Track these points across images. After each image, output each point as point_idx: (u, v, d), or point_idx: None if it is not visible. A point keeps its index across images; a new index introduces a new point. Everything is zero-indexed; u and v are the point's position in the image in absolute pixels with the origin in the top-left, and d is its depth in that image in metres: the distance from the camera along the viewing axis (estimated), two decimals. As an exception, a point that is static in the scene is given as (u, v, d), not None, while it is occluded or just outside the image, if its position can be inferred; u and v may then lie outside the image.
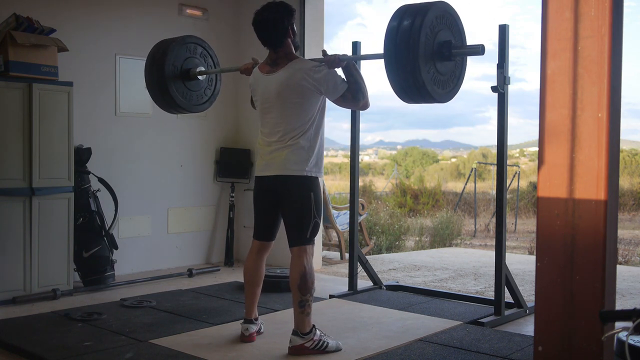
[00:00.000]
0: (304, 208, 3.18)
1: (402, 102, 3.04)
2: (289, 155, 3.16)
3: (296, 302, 3.16)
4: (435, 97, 2.91)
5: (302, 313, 3.15)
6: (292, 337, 3.17)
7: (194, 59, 3.87)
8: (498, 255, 3.90)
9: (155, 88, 3.78)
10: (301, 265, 3.18)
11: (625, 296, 4.78)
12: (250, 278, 3.42)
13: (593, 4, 1.89)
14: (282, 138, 3.18)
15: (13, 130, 4.28)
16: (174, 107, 3.86)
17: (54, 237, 4.46)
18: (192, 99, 3.87)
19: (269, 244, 3.44)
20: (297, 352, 3.15)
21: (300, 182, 3.17)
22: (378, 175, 25.29)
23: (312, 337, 3.15)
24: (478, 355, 3.17)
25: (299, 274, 3.17)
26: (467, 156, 30.18)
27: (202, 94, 3.93)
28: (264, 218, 3.38)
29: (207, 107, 4.00)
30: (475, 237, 10.85)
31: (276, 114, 3.21)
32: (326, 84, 3.13)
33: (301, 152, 3.16)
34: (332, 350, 3.19)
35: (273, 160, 3.20)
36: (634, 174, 18.61)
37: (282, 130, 3.18)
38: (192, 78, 3.84)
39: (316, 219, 3.22)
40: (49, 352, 3.13)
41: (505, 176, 4.00)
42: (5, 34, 4.22)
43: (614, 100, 1.90)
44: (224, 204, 6.00)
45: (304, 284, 3.15)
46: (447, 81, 3.00)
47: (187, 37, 3.91)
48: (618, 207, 2.02)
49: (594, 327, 1.89)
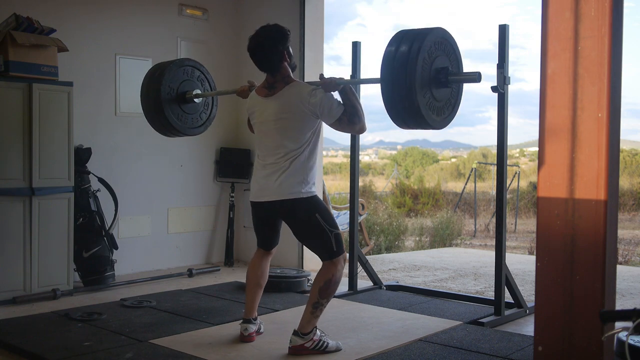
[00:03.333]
0: (316, 229, 3.19)
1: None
2: (284, 179, 3.16)
3: (311, 303, 3.17)
4: (430, 123, 2.90)
5: (312, 314, 3.16)
6: (292, 337, 3.17)
7: (191, 82, 3.89)
8: (498, 255, 3.90)
9: (152, 109, 3.80)
10: (329, 273, 3.19)
11: (625, 296, 4.78)
12: (254, 279, 3.44)
13: (593, 4, 1.89)
14: (278, 160, 3.19)
15: (13, 130, 4.28)
16: (170, 130, 3.86)
17: (54, 237, 4.46)
18: (188, 122, 3.88)
19: (273, 250, 3.52)
20: (297, 352, 3.15)
21: (299, 205, 3.17)
22: (378, 175, 25.29)
23: (312, 337, 3.16)
24: (478, 355, 3.17)
25: (325, 280, 3.18)
26: (467, 156, 30.17)
27: (197, 117, 3.94)
28: (264, 233, 3.45)
29: (202, 130, 4.01)
30: (475, 237, 10.85)
31: (273, 137, 3.21)
32: (321, 108, 3.12)
33: (296, 175, 3.16)
34: (332, 351, 3.19)
35: (267, 185, 3.20)
36: (634, 174, 18.61)
37: (279, 153, 3.19)
38: (189, 101, 3.85)
39: (334, 232, 3.21)
40: (49, 352, 3.13)
41: (505, 176, 4.00)
42: (5, 34, 4.22)
43: (614, 100, 1.90)
44: (224, 204, 6.00)
45: (327, 289, 3.17)
46: (443, 108, 3.00)
47: (184, 59, 3.94)
48: (618, 207, 2.02)
49: (594, 327, 1.89)
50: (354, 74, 4.61)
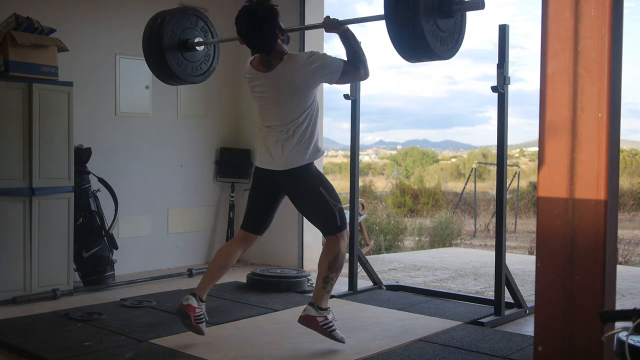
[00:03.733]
0: (321, 203, 3.20)
1: (402, 102, 3.05)
2: (290, 149, 3.18)
3: (321, 277, 3.20)
4: (435, 51, 2.90)
5: (323, 289, 3.20)
6: (307, 307, 3.20)
7: (194, 30, 3.84)
8: (498, 255, 3.90)
9: (153, 51, 3.73)
10: (336, 248, 3.21)
11: (625, 296, 4.78)
12: (220, 262, 3.31)
13: (593, 4, 1.89)
14: (282, 130, 3.20)
15: (13, 130, 4.28)
16: (169, 75, 3.79)
17: (54, 237, 4.46)
18: (188, 69, 3.83)
19: (255, 238, 3.39)
20: (308, 321, 3.18)
21: (304, 172, 3.20)
22: (378, 175, 25.30)
23: (326, 315, 3.20)
24: (478, 355, 3.17)
25: (333, 254, 3.20)
26: (467, 156, 30.18)
27: (197, 67, 3.89)
28: (258, 208, 3.36)
29: (200, 80, 3.94)
30: (475, 237, 10.85)
31: (275, 110, 3.22)
32: (323, 70, 3.12)
33: (301, 143, 3.19)
34: (337, 337, 3.21)
35: (276, 154, 3.22)
36: (634, 174, 18.62)
37: (282, 124, 3.20)
38: (190, 48, 3.81)
39: (338, 206, 3.22)
40: (49, 352, 3.13)
41: (505, 176, 3.99)
42: (5, 34, 4.22)
43: (614, 100, 1.90)
44: (224, 204, 6.00)
45: (335, 262, 3.19)
46: (447, 38, 3.00)
47: (189, 7, 3.90)
48: (618, 207, 2.02)
49: (594, 327, 1.89)
50: (354, 74, 4.60)
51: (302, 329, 3.46)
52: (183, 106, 5.72)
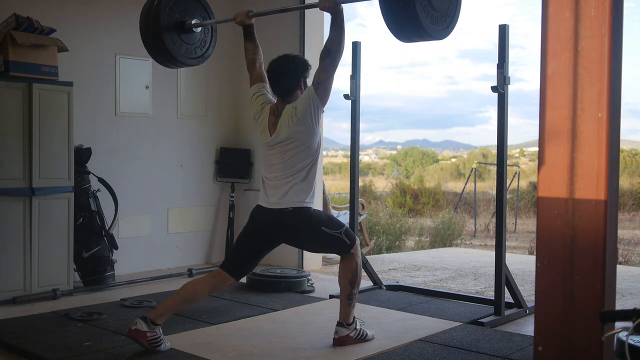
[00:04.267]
0: (329, 241, 3.21)
1: (402, 102, 3.06)
2: (292, 191, 3.16)
3: (345, 295, 3.27)
4: (427, 30, 2.89)
5: (349, 305, 3.28)
6: (337, 329, 3.29)
7: (193, 13, 3.82)
8: (498, 255, 3.90)
9: (150, 29, 3.70)
10: (354, 262, 3.27)
11: (625, 296, 4.78)
12: (186, 296, 3.19)
13: (593, 4, 1.89)
14: (285, 178, 3.18)
15: (13, 130, 4.28)
16: (164, 53, 3.75)
17: (54, 237, 4.46)
18: (182, 50, 3.80)
19: (230, 281, 3.24)
20: (342, 342, 3.27)
21: (304, 215, 3.17)
22: (378, 175, 25.30)
23: (355, 327, 3.31)
24: (478, 355, 3.17)
25: (351, 271, 3.26)
26: (467, 156, 30.18)
27: (192, 50, 3.86)
28: (248, 248, 3.26)
29: (194, 63, 3.90)
30: (475, 237, 10.85)
31: (279, 159, 3.21)
32: (309, 96, 3.12)
33: (303, 188, 3.18)
34: (370, 339, 3.35)
35: (276, 195, 3.18)
36: (634, 174, 18.61)
37: (286, 173, 3.18)
38: (187, 30, 3.79)
39: (343, 231, 3.23)
40: (49, 352, 3.13)
41: (505, 176, 3.99)
42: (5, 34, 4.22)
43: (614, 100, 1.90)
44: (224, 204, 6.00)
45: (355, 278, 3.26)
46: (440, 18, 2.98)
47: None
48: (618, 207, 2.02)
49: (594, 327, 1.89)
50: (354, 73, 4.61)
51: (303, 329, 3.47)
52: (183, 106, 5.72)
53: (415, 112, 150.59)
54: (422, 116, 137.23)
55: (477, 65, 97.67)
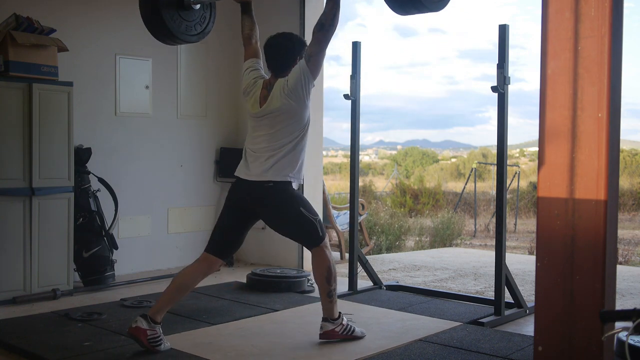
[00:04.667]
0: (304, 223, 3.23)
1: (402, 102, 3.07)
2: (274, 164, 3.18)
3: (325, 293, 3.30)
4: (425, 3, 2.92)
5: (330, 302, 3.31)
6: (323, 324, 3.32)
7: None
8: (498, 255, 3.90)
9: (149, 7, 3.67)
10: (325, 259, 3.29)
11: (625, 296, 4.78)
12: (183, 284, 3.22)
13: (593, 4, 1.89)
14: (269, 150, 3.21)
15: (13, 130, 4.28)
16: (163, 31, 3.73)
17: (54, 237, 4.46)
18: (182, 27, 3.79)
19: (218, 262, 3.29)
20: (328, 336, 3.31)
21: (283, 190, 3.19)
22: (378, 175, 25.31)
23: (342, 322, 3.33)
24: (478, 355, 3.17)
25: (325, 268, 3.28)
26: (467, 156, 30.19)
27: (192, 26, 3.85)
28: (227, 226, 3.30)
29: (193, 40, 3.89)
30: (475, 237, 10.85)
31: (266, 132, 3.24)
32: (301, 69, 3.15)
33: (286, 163, 3.20)
34: (358, 336, 3.37)
35: (256, 167, 3.21)
36: (634, 174, 18.62)
37: (271, 146, 3.21)
38: (187, 7, 3.77)
39: (317, 218, 3.28)
40: (49, 352, 3.13)
41: (505, 176, 3.99)
42: (5, 34, 4.22)
43: (614, 100, 1.90)
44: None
45: (330, 274, 3.29)
46: None
47: None
48: (618, 207, 2.02)
49: (594, 327, 1.89)
50: (354, 73, 4.61)
51: (303, 329, 3.47)
52: (183, 106, 5.72)
53: (415, 112, 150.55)
54: (422, 116, 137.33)
55: (477, 65, 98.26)
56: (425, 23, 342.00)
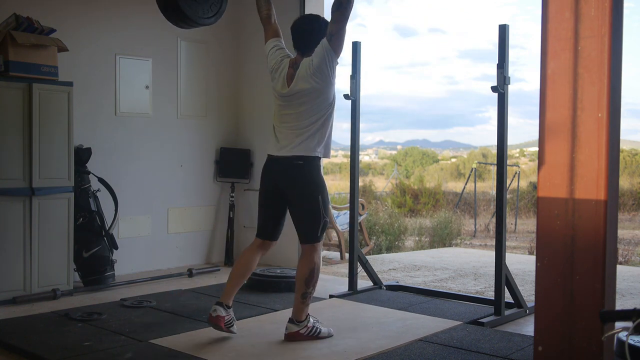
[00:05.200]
0: (314, 210, 3.30)
1: (402, 102, 3.07)
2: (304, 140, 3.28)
3: (299, 293, 3.33)
4: None
5: (302, 303, 3.34)
6: (288, 325, 3.36)
7: None
8: (498, 255, 3.90)
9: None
10: (312, 261, 3.35)
11: (625, 296, 4.78)
12: (241, 270, 3.46)
13: (593, 4, 1.89)
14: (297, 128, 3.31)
15: (13, 130, 4.28)
16: (179, 15, 3.73)
17: (54, 237, 4.46)
18: (199, 11, 3.82)
19: (271, 244, 3.51)
20: (293, 338, 3.33)
21: (310, 166, 3.29)
22: (378, 175, 25.31)
23: (306, 324, 3.35)
24: (478, 355, 3.17)
25: (309, 269, 3.34)
26: (467, 156, 30.19)
27: (208, 8, 3.87)
28: (269, 210, 3.44)
29: (211, 22, 3.90)
30: (475, 237, 10.85)
31: (293, 111, 3.32)
32: (324, 48, 3.22)
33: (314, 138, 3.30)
34: (324, 336, 3.39)
35: (287, 144, 3.31)
36: (634, 174, 18.62)
37: (297, 125, 3.31)
38: None
39: (325, 219, 3.35)
40: (49, 352, 3.13)
41: (505, 176, 3.99)
42: (5, 34, 4.22)
43: (614, 100, 1.90)
44: (224, 204, 6.00)
45: (311, 277, 3.34)
46: None
47: None
48: (618, 207, 2.02)
49: (594, 327, 1.89)
50: (354, 73, 4.61)
51: (302, 329, 3.45)
52: (183, 106, 5.72)
53: (415, 112, 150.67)
54: (422, 116, 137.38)
55: (477, 65, 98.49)
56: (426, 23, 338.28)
